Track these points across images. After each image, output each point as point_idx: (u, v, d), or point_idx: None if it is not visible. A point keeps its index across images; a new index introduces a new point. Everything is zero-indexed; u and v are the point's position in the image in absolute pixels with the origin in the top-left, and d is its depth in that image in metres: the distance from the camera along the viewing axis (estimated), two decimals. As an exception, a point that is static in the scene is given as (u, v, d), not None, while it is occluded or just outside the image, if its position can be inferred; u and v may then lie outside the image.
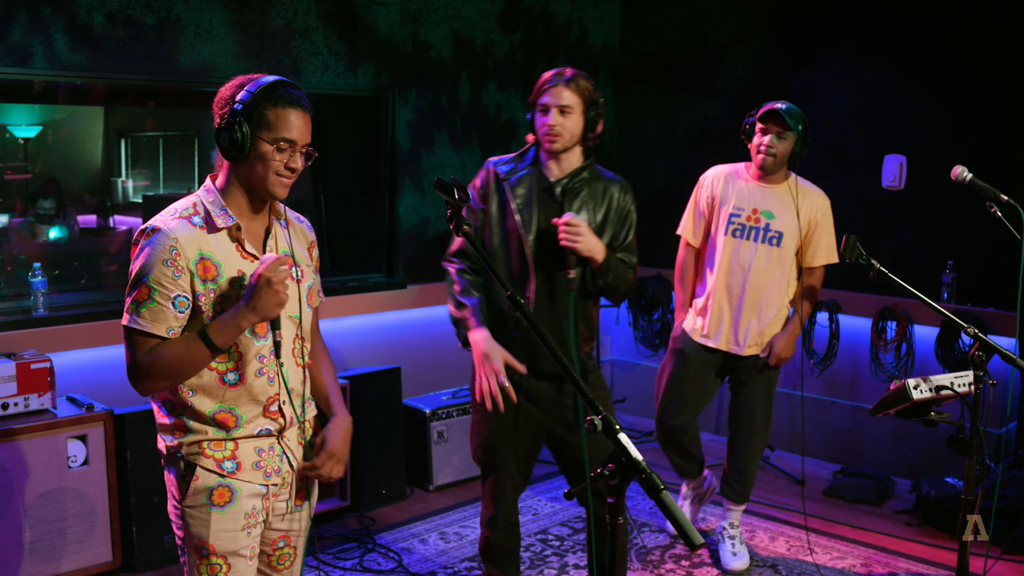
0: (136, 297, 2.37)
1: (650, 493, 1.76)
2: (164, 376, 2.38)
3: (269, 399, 2.51)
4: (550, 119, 3.34)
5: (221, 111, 2.42)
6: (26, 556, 4.01)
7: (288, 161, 2.42)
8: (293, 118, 2.41)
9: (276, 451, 2.54)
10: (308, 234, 2.72)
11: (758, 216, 4.31)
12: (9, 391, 4.06)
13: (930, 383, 3.12)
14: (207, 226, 2.42)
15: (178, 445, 2.47)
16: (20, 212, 5.98)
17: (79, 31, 4.43)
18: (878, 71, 5.63)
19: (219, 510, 2.45)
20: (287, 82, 2.44)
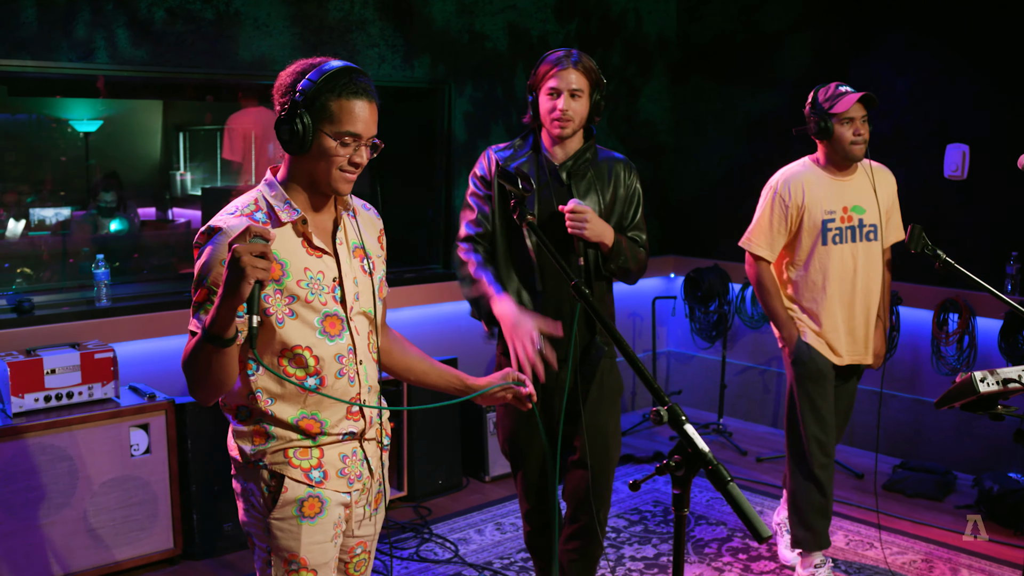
0: (197, 299, 2.19)
1: (717, 485, 1.74)
2: (197, 385, 2.17)
3: (352, 398, 2.38)
4: (561, 103, 3.25)
5: (281, 99, 2.26)
6: (90, 542, 4.08)
7: (352, 156, 2.26)
8: (358, 109, 2.23)
9: (358, 455, 2.42)
10: (377, 222, 2.57)
11: (850, 214, 4.04)
12: (74, 380, 4.13)
13: (997, 376, 3.06)
14: (271, 221, 2.26)
15: (259, 453, 2.32)
16: (83, 205, 6.08)
17: (140, 26, 4.48)
18: (939, 58, 5.54)
19: (310, 522, 2.32)
20: (353, 68, 2.26)
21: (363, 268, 2.43)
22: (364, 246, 2.45)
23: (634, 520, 4.91)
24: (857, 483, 5.44)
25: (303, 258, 2.29)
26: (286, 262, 2.25)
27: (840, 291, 4.05)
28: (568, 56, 3.26)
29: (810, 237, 4.04)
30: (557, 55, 3.28)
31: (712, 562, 4.43)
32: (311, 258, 2.30)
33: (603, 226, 3.25)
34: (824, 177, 4.08)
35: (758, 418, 6.62)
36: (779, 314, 4.12)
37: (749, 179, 6.57)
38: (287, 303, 2.26)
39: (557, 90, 3.25)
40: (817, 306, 4.07)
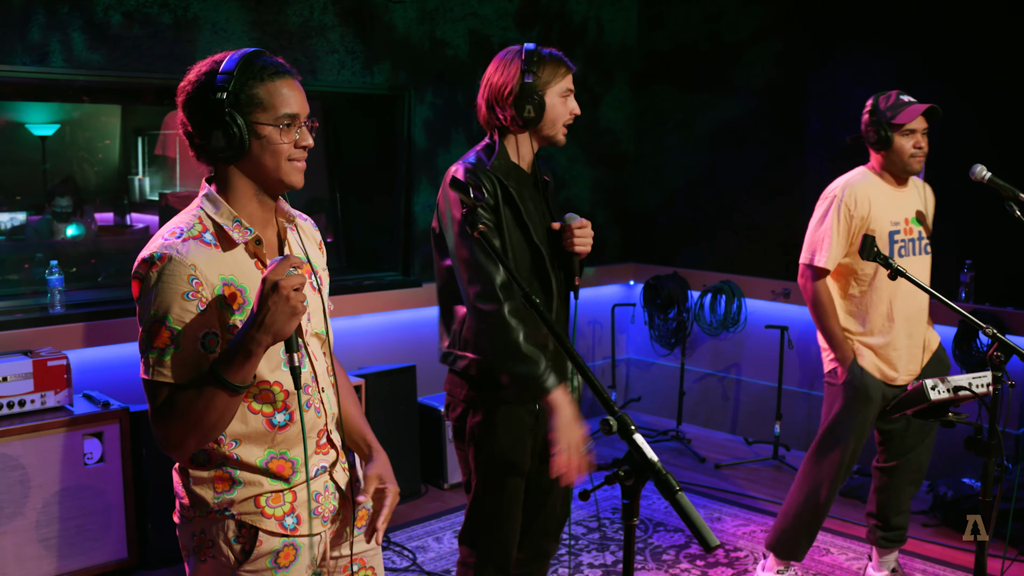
0: (156, 344, 1.95)
1: (665, 494, 1.75)
2: (191, 436, 1.97)
3: (320, 432, 2.19)
4: (575, 107, 3.04)
5: (196, 109, 2.01)
6: (42, 552, 4.03)
7: (298, 140, 2.05)
8: (287, 88, 2.03)
9: (330, 489, 2.24)
10: (315, 234, 2.35)
11: (910, 225, 3.94)
12: (26, 388, 4.08)
13: (948, 384, 3.10)
14: (221, 243, 2.03)
15: (225, 502, 2.08)
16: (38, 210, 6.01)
17: (96, 30, 4.44)
18: (898, 68, 5.60)
19: (285, 572, 2.13)
20: (261, 51, 2.06)
21: (311, 285, 2.22)
22: (310, 261, 2.23)
23: (592, 527, 4.91)
24: (814, 490, 5.47)
25: (258, 281, 1.95)
26: (245, 288, 2.03)
27: (906, 306, 3.90)
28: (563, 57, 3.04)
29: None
30: (557, 54, 3.03)
31: (670, 569, 4.44)
32: None
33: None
34: (885, 187, 3.94)
35: (717, 425, 6.65)
36: (836, 334, 3.90)
37: (709, 187, 6.62)
38: None
39: (571, 92, 3.04)
40: (881, 322, 3.91)
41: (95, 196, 6.74)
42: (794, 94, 6.11)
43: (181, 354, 1.96)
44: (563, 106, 3.00)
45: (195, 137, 2.05)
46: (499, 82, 3.02)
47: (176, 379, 1.96)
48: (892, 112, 3.80)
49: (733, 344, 6.52)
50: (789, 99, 6.15)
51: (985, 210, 5.13)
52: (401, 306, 5.71)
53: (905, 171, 3.88)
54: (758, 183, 6.33)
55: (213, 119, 1.98)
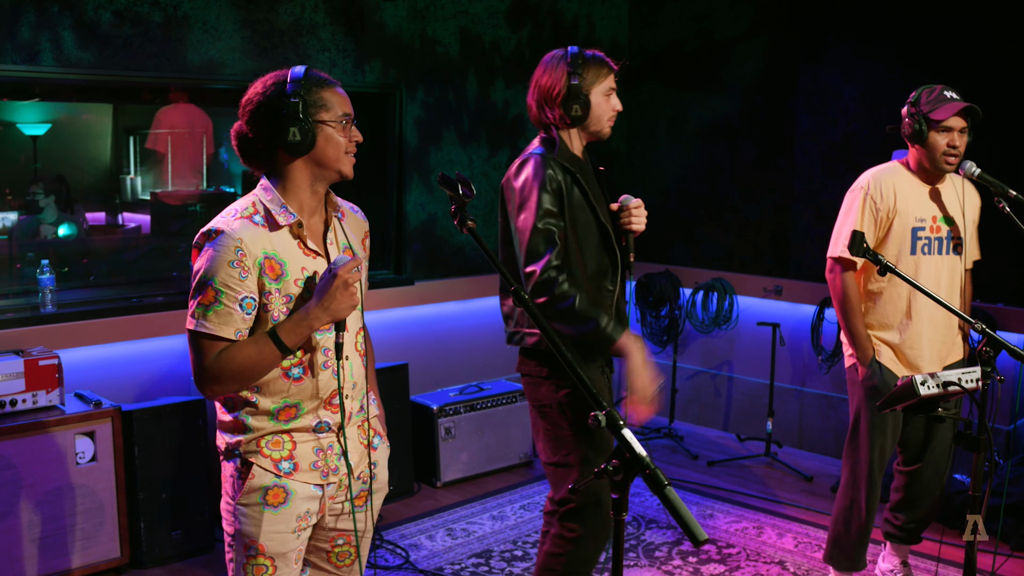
0: (202, 300, 2.34)
1: (654, 489, 1.75)
2: (235, 380, 2.36)
3: (332, 392, 2.49)
4: (618, 104, 3.31)
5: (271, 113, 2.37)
6: (35, 552, 4.03)
7: (352, 136, 2.46)
8: (341, 94, 2.45)
9: (335, 450, 2.52)
10: (363, 224, 2.73)
11: (938, 224, 3.85)
12: (17, 387, 4.07)
13: (937, 379, 3.11)
14: (268, 224, 2.40)
15: (236, 443, 2.45)
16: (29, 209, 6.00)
17: (87, 28, 4.44)
18: (887, 65, 5.61)
19: (272, 510, 2.42)
20: (314, 67, 2.47)
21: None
22: (352, 247, 2.56)
23: (585, 524, 4.92)
24: (807, 486, 5.49)
25: (300, 259, 2.42)
26: (285, 262, 2.40)
27: (928, 304, 3.81)
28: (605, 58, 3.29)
29: (896, 245, 3.83)
30: (600, 56, 3.28)
31: (662, 565, 4.45)
32: (307, 259, 2.44)
33: None
34: (915, 182, 3.87)
35: (709, 422, 6.67)
36: (858, 331, 3.85)
37: (700, 185, 6.63)
38: (285, 301, 2.39)
39: (613, 90, 3.30)
40: (899, 319, 3.87)
41: (86, 195, 6.73)
42: (784, 92, 6.12)
43: (222, 311, 2.33)
44: (607, 103, 3.27)
45: (259, 141, 2.41)
46: (547, 84, 3.26)
47: (217, 331, 2.33)
48: (931, 107, 3.72)
49: (725, 341, 6.53)
50: (779, 96, 6.16)
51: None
52: (393, 304, 5.71)
53: (936, 168, 3.79)
54: (749, 180, 6.34)
55: (290, 119, 2.35)
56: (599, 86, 3.24)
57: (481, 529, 4.84)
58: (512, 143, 6.25)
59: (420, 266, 5.87)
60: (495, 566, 4.43)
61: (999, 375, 3.04)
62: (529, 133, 6.36)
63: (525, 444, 5.73)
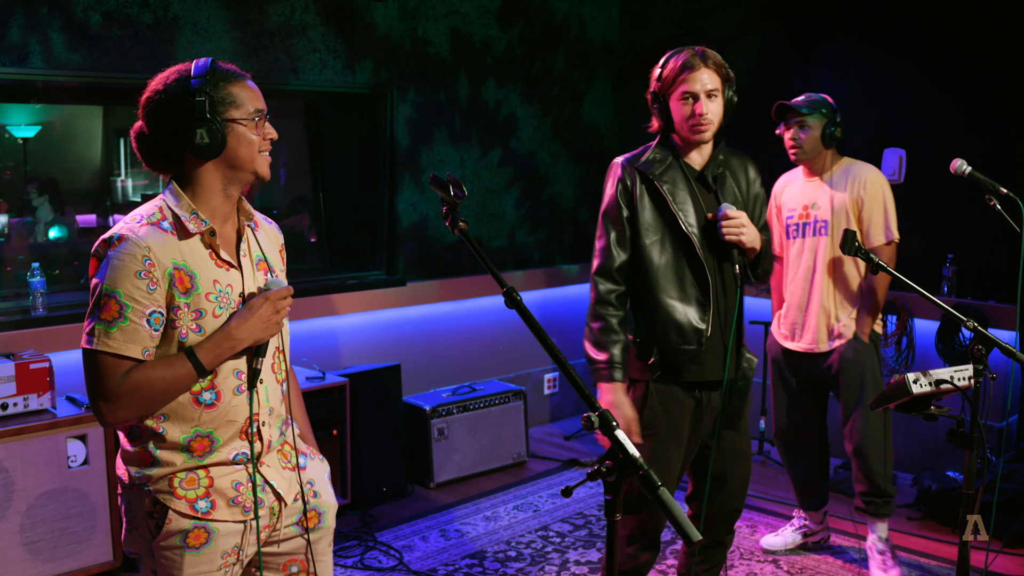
0: (104, 316, 2.11)
1: (647, 490, 1.75)
2: (143, 404, 2.15)
3: (247, 420, 2.30)
4: (700, 108, 3.14)
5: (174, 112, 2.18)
6: (26, 556, 4.01)
7: (266, 133, 2.27)
8: (252, 88, 2.26)
9: (257, 482, 2.32)
10: (278, 236, 2.54)
11: (808, 211, 4.32)
12: (8, 391, 4.06)
13: (930, 377, 3.11)
14: (177, 232, 2.20)
15: (144, 479, 2.23)
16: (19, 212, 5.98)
17: (76, 30, 4.42)
18: (878, 64, 5.62)
19: (194, 552, 2.23)
20: (215, 59, 2.27)
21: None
22: (267, 259, 2.40)
23: (579, 524, 4.92)
24: (799, 484, 5.49)
25: (212, 270, 2.24)
26: (195, 274, 2.20)
27: (795, 284, 4.39)
28: (697, 56, 3.17)
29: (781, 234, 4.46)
30: (684, 57, 3.19)
31: (657, 564, 4.45)
32: (219, 271, 2.26)
33: (755, 231, 3.20)
34: (801, 179, 4.44)
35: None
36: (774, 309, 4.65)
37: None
38: (194, 317, 2.19)
39: (693, 93, 3.15)
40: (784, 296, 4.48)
41: (77, 198, 6.71)
42: (776, 90, 6.11)
43: (127, 327, 2.13)
44: (683, 108, 3.19)
45: (160, 143, 2.22)
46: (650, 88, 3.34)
47: (120, 350, 2.12)
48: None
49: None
50: (771, 95, 6.15)
51: (966, 204, 5.17)
52: (385, 305, 5.71)
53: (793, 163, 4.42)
54: (741, 179, 6.33)
55: (194, 119, 2.16)
56: (676, 89, 3.22)
57: (475, 530, 4.83)
58: (503, 143, 6.24)
59: (412, 267, 5.87)
60: (489, 567, 4.43)
61: (991, 373, 3.04)
62: (521, 133, 6.35)
63: (518, 444, 5.73)
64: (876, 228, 4.24)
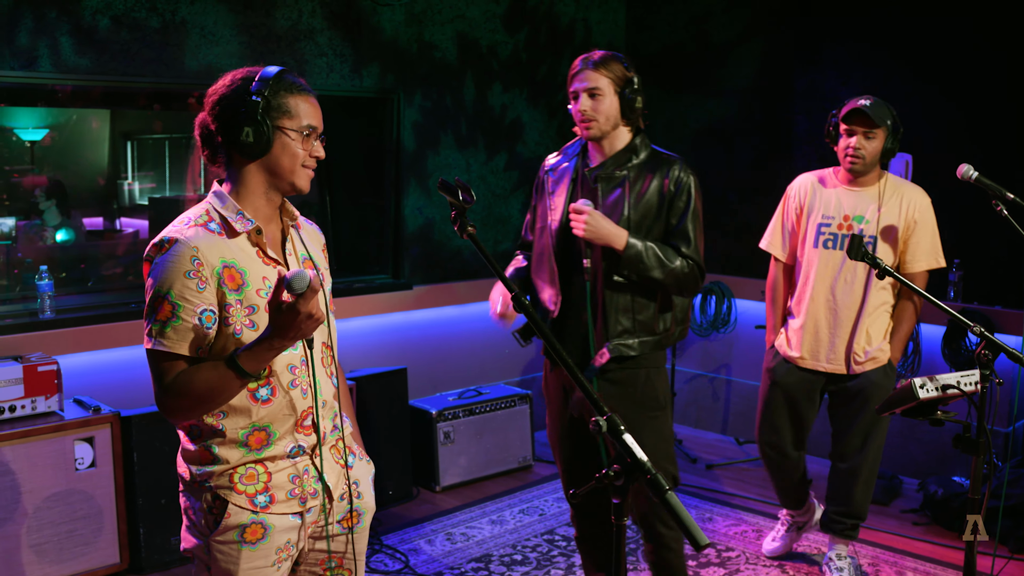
0: (159, 316, 2.18)
1: (655, 494, 1.76)
2: (199, 403, 2.20)
3: (303, 413, 2.35)
4: (580, 105, 3.25)
5: (228, 107, 2.25)
6: (33, 558, 4.02)
7: (313, 150, 2.32)
8: (309, 105, 2.32)
9: (311, 473, 2.38)
10: (319, 236, 2.59)
11: (850, 223, 4.06)
12: (16, 394, 4.07)
13: (936, 382, 3.11)
14: (225, 231, 2.26)
15: (206, 475, 2.30)
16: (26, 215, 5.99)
17: (84, 34, 4.44)
18: (883, 69, 5.62)
19: (251, 547, 2.29)
20: (290, 70, 2.34)
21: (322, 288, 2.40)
22: (312, 257, 2.46)
23: (584, 528, 4.92)
24: (805, 489, 5.49)
25: (260, 268, 2.29)
26: (245, 271, 2.26)
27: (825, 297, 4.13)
28: (587, 59, 3.29)
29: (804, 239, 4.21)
30: (580, 59, 3.33)
31: (661, 569, 4.45)
32: (267, 268, 2.31)
33: (607, 229, 3.20)
34: (836, 185, 4.17)
35: (708, 425, 6.67)
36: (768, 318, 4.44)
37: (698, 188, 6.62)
38: (247, 313, 2.25)
39: (576, 93, 3.28)
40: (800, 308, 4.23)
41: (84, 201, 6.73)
42: (780, 94, 6.13)
43: (180, 327, 2.18)
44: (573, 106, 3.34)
45: (218, 136, 2.28)
46: None
47: (175, 349, 2.18)
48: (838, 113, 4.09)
49: (723, 345, 6.54)
50: (775, 99, 6.17)
51: (972, 209, 5.16)
52: (391, 309, 5.71)
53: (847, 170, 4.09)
54: (745, 183, 6.34)
55: (246, 118, 2.22)
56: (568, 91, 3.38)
57: (480, 533, 4.83)
58: (509, 147, 6.25)
59: (418, 270, 5.88)
60: (495, 570, 4.43)
61: (997, 378, 3.04)
62: (527, 137, 6.37)
63: (524, 448, 5.73)
64: (925, 254, 4.08)
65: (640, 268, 3.23)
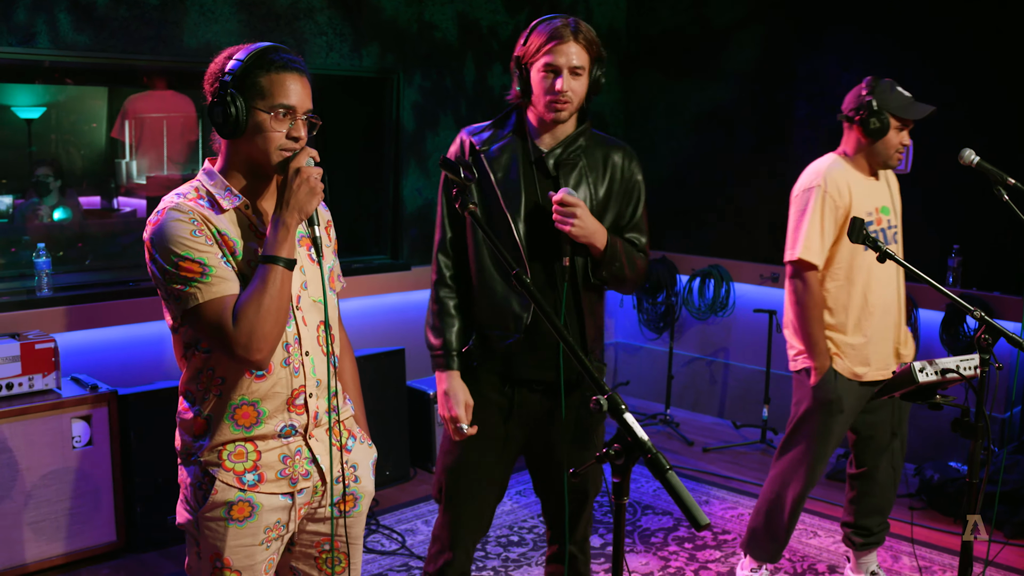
0: (187, 276, 2.15)
1: (656, 473, 1.75)
2: (266, 320, 2.14)
3: (294, 391, 2.32)
4: (562, 84, 2.80)
5: (212, 86, 2.23)
6: (30, 536, 4.02)
7: (290, 131, 2.23)
8: (289, 82, 2.22)
9: (304, 454, 2.35)
10: (324, 213, 2.49)
11: (879, 215, 3.79)
12: (13, 371, 4.06)
13: (936, 366, 3.10)
14: (212, 208, 2.24)
15: (197, 448, 2.30)
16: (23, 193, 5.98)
17: (83, 10, 4.41)
18: (885, 54, 5.61)
19: (238, 524, 2.28)
20: (279, 46, 2.26)
21: (310, 257, 2.39)
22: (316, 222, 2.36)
23: (581, 510, 4.92)
24: (802, 473, 5.49)
25: (252, 241, 2.28)
26: (236, 241, 2.25)
27: (881, 300, 3.76)
28: (568, 28, 2.81)
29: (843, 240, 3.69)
30: (554, 25, 2.83)
31: (658, 551, 4.46)
32: (260, 240, 2.28)
33: (595, 224, 2.83)
34: (859, 176, 3.78)
35: (705, 408, 6.67)
36: (818, 340, 3.70)
37: (697, 172, 6.62)
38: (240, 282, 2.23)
39: (555, 67, 2.81)
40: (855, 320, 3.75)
41: (82, 179, 6.71)
42: (781, 79, 6.11)
43: (215, 274, 2.17)
44: (543, 82, 2.85)
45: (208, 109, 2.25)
46: (517, 52, 2.95)
47: (224, 291, 2.17)
48: (896, 103, 3.66)
49: (721, 328, 6.54)
50: (776, 84, 6.15)
51: (973, 195, 5.16)
52: (390, 289, 5.71)
53: (886, 164, 3.76)
54: (746, 167, 6.33)
55: (218, 98, 2.20)
56: (539, 60, 2.84)
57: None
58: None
59: (417, 251, 5.86)
60: (491, 551, 4.44)
61: (997, 362, 3.03)
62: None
63: (521, 430, 5.73)
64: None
65: (615, 268, 2.90)
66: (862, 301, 3.74)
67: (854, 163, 3.79)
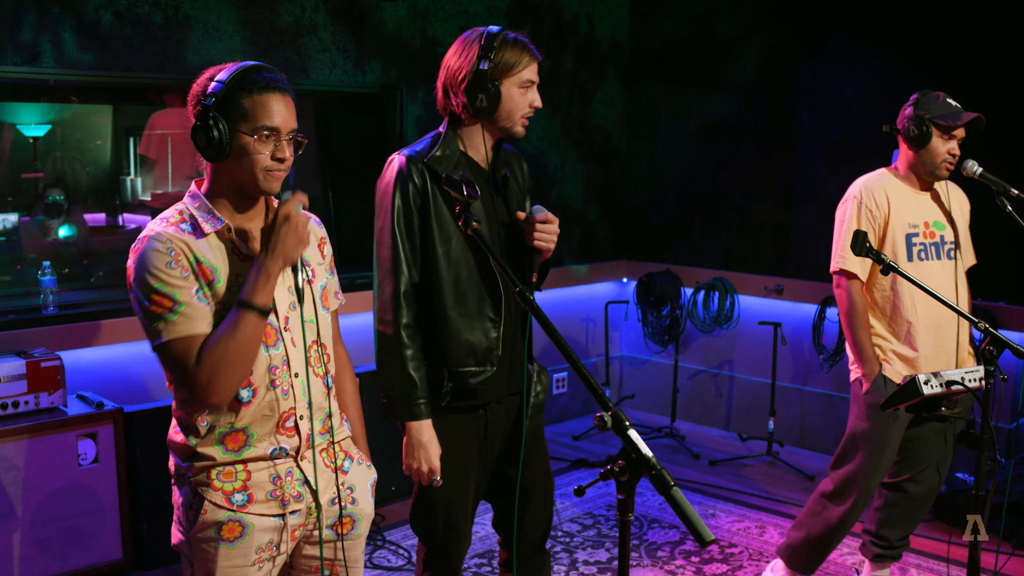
0: (157, 311, 2.14)
1: (660, 490, 1.75)
2: (229, 366, 2.13)
3: (283, 414, 2.30)
4: (535, 99, 2.83)
5: (194, 108, 2.21)
6: (37, 554, 4.02)
7: (275, 152, 2.19)
8: (273, 103, 2.18)
9: (295, 476, 2.33)
10: (317, 230, 2.48)
11: (931, 229, 3.77)
12: (19, 389, 4.07)
13: (941, 378, 3.11)
14: (195, 232, 2.22)
15: (187, 468, 2.29)
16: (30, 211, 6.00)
17: (87, 30, 4.43)
18: (888, 64, 5.61)
19: (228, 545, 2.27)
20: (261, 66, 2.23)
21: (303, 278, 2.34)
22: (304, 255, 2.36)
23: (587, 524, 4.92)
24: (808, 485, 5.48)
25: (234, 265, 2.25)
26: (216, 268, 2.22)
27: (930, 314, 3.71)
28: (534, 49, 2.83)
29: (890, 253, 3.71)
30: (525, 42, 2.81)
31: (665, 565, 4.45)
32: (243, 265, 2.26)
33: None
34: (905, 188, 3.79)
35: (711, 421, 6.66)
36: (865, 347, 3.74)
37: (701, 184, 6.62)
38: (219, 310, 2.20)
39: (531, 83, 2.82)
40: (906, 328, 3.74)
41: (87, 197, 6.73)
42: (784, 90, 6.12)
43: (185, 311, 2.15)
44: (521, 98, 2.82)
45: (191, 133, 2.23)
46: (455, 66, 2.80)
47: (191, 331, 2.15)
48: (939, 111, 3.65)
49: (726, 341, 6.53)
50: (779, 95, 6.16)
51: (976, 205, 5.15)
52: (394, 304, 5.70)
53: (933, 175, 3.73)
54: (749, 179, 6.34)
55: (199, 121, 2.18)
56: (514, 76, 2.78)
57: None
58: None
59: (421, 266, 5.86)
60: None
61: (1002, 374, 3.03)
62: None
63: (527, 444, 5.72)
64: (968, 252, 3.93)
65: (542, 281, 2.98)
66: (908, 312, 3.73)
67: (904, 177, 3.81)
